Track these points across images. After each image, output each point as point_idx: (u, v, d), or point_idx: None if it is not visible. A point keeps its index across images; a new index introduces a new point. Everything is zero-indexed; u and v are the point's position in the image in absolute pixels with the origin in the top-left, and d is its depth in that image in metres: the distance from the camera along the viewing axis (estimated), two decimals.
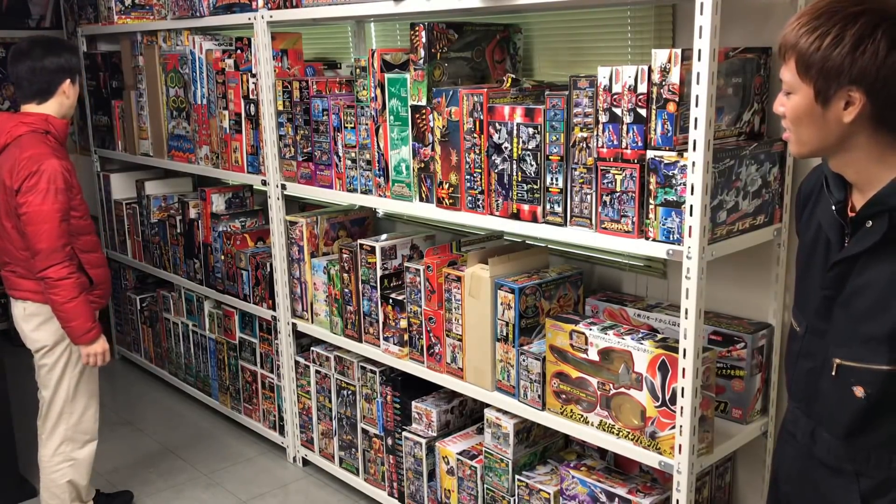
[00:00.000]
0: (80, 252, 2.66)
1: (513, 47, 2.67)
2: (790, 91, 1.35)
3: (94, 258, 2.73)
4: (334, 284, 2.98)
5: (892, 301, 1.31)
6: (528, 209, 2.22)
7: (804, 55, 1.30)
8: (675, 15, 2.33)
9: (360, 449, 3.04)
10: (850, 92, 1.28)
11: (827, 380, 1.43)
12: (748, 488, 2.41)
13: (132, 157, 4.09)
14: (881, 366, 1.33)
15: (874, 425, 1.38)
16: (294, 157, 3.04)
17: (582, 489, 2.24)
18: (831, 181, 1.43)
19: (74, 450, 2.78)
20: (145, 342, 4.37)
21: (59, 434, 2.75)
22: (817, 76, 1.29)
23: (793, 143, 1.39)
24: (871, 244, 1.34)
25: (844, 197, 1.41)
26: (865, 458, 1.40)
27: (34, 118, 2.63)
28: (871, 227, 1.34)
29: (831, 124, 1.32)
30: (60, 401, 2.74)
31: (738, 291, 2.33)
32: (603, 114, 2.01)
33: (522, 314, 2.32)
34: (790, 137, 1.39)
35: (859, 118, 1.30)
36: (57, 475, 2.77)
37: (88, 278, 2.67)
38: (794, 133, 1.37)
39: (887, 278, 1.32)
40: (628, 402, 2.08)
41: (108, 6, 4.04)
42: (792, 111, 1.35)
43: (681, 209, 1.90)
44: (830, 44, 1.27)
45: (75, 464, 2.78)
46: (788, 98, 1.36)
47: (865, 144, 1.33)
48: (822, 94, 1.30)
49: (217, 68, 3.34)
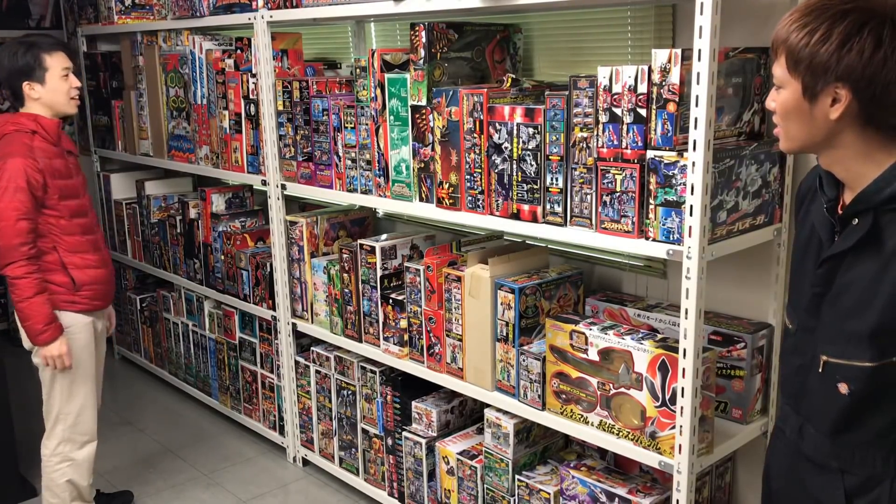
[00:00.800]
0: (64, 252, 2.65)
1: (513, 47, 2.67)
2: (780, 86, 1.36)
3: (81, 259, 2.69)
4: (334, 284, 2.98)
5: (875, 298, 1.33)
6: (528, 209, 2.22)
7: (793, 51, 1.31)
8: (675, 15, 2.33)
9: (360, 449, 3.04)
10: (837, 89, 1.29)
11: (815, 376, 1.44)
12: (748, 488, 2.41)
13: (132, 157, 4.09)
14: (864, 362, 1.35)
15: (859, 422, 1.40)
16: (294, 157, 3.04)
17: (582, 489, 2.24)
18: (825, 180, 1.44)
19: (73, 450, 2.77)
20: (145, 342, 4.37)
21: (57, 434, 2.75)
22: (805, 72, 1.30)
23: (782, 137, 1.41)
24: (855, 241, 1.35)
25: (836, 195, 1.42)
26: (850, 455, 1.42)
27: (24, 118, 2.67)
28: (857, 225, 1.36)
29: (818, 121, 1.33)
30: (56, 401, 2.73)
31: (738, 291, 2.33)
32: (603, 114, 2.01)
33: (522, 314, 2.32)
34: (780, 132, 1.41)
35: (846, 115, 1.31)
36: (56, 475, 2.76)
37: (71, 279, 2.66)
38: (783, 128, 1.39)
39: (871, 275, 1.33)
40: (628, 402, 2.08)
41: (108, 6, 4.04)
42: (781, 106, 1.37)
43: (681, 209, 1.90)
44: (818, 40, 1.28)
45: (74, 464, 2.78)
46: (778, 93, 1.37)
47: (852, 142, 1.34)
48: (809, 89, 1.31)
49: (217, 68, 3.34)
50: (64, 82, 2.71)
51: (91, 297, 2.74)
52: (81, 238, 2.71)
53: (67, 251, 2.67)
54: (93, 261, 2.74)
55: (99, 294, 2.77)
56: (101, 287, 2.77)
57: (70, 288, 2.67)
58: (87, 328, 2.75)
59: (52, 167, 2.63)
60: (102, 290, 2.79)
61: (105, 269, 2.81)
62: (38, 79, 2.67)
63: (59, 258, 2.65)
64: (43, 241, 2.63)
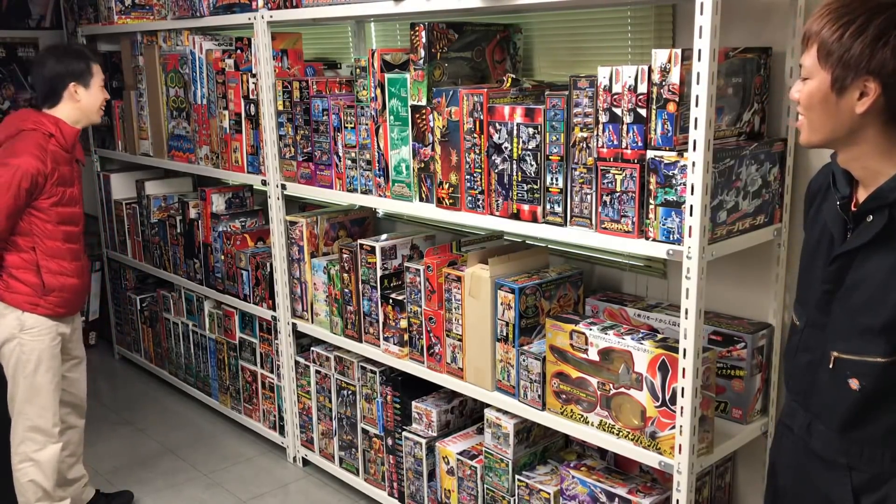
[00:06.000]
0: (41, 255, 2.65)
1: (513, 47, 2.67)
2: (808, 77, 1.36)
3: (56, 265, 2.68)
4: (334, 284, 2.98)
5: (889, 294, 1.33)
6: (528, 209, 2.22)
7: (826, 42, 1.31)
8: (675, 15, 2.33)
9: (360, 449, 3.04)
10: (867, 83, 1.30)
11: (825, 373, 1.44)
12: (748, 488, 2.41)
13: (132, 157, 4.09)
14: (876, 358, 1.35)
15: (868, 419, 1.40)
16: (294, 157, 3.04)
17: (582, 489, 2.24)
18: (838, 178, 1.45)
19: (35, 451, 2.72)
20: (145, 342, 4.37)
21: (19, 434, 2.72)
22: (836, 64, 1.31)
23: (804, 129, 1.41)
24: (869, 238, 1.36)
25: (850, 193, 1.43)
26: (858, 452, 1.42)
27: (46, 119, 2.70)
28: (872, 222, 1.36)
29: (843, 114, 1.34)
30: (16, 400, 2.70)
31: (738, 291, 2.33)
32: (603, 114, 2.01)
33: (522, 314, 2.32)
34: (802, 124, 1.40)
35: (871, 110, 1.32)
36: (19, 474, 2.73)
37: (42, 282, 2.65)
38: (807, 119, 1.39)
39: (885, 272, 1.34)
40: (628, 402, 2.08)
41: (108, 6, 4.04)
42: (807, 97, 1.36)
43: (681, 209, 1.90)
44: (853, 33, 1.29)
45: (36, 464, 2.73)
46: (805, 84, 1.37)
47: (874, 138, 1.35)
48: (838, 82, 1.32)
49: (217, 68, 3.34)
50: (101, 92, 2.83)
51: (56, 303, 2.70)
52: (62, 245, 2.70)
53: (45, 254, 2.66)
54: (69, 269, 2.72)
55: (64, 302, 2.73)
56: (68, 296, 2.74)
57: (38, 290, 2.65)
58: (51, 331, 2.71)
59: (58, 173, 2.65)
60: (70, 299, 2.75)
61: (79, 279, 2.77)
62: (85, 83, 2.76)
63: (35, 259, 2.65)
64: (24, 239, 2.64)
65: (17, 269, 2.64)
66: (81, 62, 2.76)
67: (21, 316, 2.65)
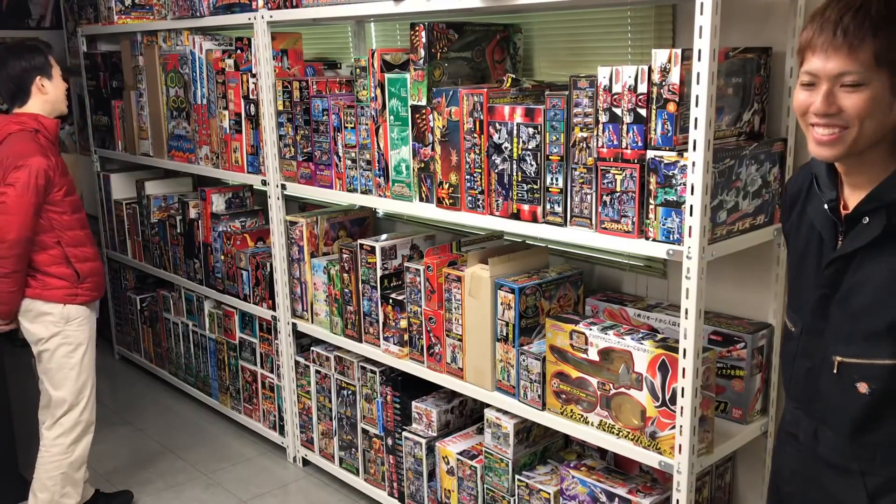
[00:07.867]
0: (67, 246, 2.74)
1: (513, 47, 2.67)
2: (859, 83, 1.26)
3: (81, 252, 2.79)
4: (334, 284, 2.98)
5: (892, 296, 1.32)
6: (528, 209, 2.22)
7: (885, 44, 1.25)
8: (675, 15, 2.33)
9: (360, 449, 3.04)
10: None
11: (828, 378, 1.42)
12: (748, 488, 2.41)
13: (132, 157, 4.09)
14: (884, 360, 1.33)
15: (880, 422, 1.38)
16: (294, 157, 3.04)
17: (582, 489, 2.24)
18: (822, 180, 1.42)
19: (73, 441, 2.81)
20: (145, 342, 4.37)
21: (62, 424, 2.79)
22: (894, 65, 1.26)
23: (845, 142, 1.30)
24: (868, 241, 1.34)
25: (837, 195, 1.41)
26: (871, 456, 1.40)
27: (25, 117, 2.75)
28: (869, 224, 1.34)
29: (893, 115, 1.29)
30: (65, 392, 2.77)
31: (738, 291, 2.33)
32: (603, 114, 2.01)
33: (522, 314, 2.32)
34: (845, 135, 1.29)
35: None
36: (52, 466, 2.79)
37: (75, 272, 2.75)
38: (858, 129, 1.28)
39: (886, 274, 1.32)
40: (628, 402, 2.08)
41: (108, 6, 4.04)
42: (866, 105, 1.27)
43: (681, 209, 1.90)
44: None
45: (70, 456, 2.81)
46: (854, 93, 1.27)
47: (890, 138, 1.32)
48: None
49: (217, 68, 3.34)
50: (62, 82, 2.86)
51: (91, 288, 2.82)
52: (81, 232, 2.81)
53: (70, 245, 2.75)
54: (91, 254, 2.84)
55: (97, 286, 2.86)
56: (99, 279, 2.87)
57: (74, 280, 2.75)
58: (90, 318, 2.84)
59: (59, 164, 2.73)
60: (100, 282, 2.88)
61: (99, 262, 2.90)
62: (48, 75, 2.80)
63: (63, 252, 2.73)
64: (47, 236, 2.70)
65: (48, 266, 2.72)
66: (40, 55, 2.80)
67: (63, 310, 2.74)
